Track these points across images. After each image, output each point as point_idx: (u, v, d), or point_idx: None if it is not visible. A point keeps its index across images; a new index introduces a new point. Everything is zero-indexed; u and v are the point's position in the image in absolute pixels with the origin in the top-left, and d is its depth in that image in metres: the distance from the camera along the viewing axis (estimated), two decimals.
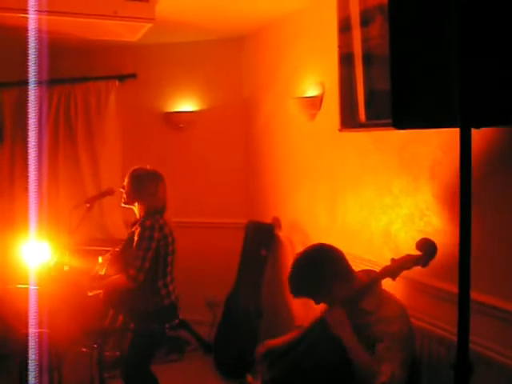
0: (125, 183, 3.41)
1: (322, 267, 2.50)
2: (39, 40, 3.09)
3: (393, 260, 2.44)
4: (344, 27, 3.20)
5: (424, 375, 2.59)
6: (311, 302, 2.65)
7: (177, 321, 3.36)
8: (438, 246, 2.51)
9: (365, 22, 3.00)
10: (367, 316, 2.41)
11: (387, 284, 2.52)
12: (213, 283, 4.84)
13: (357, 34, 3.07)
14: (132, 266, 3.17)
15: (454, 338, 1.75)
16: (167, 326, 3.28)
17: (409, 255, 2.41)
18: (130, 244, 3.30)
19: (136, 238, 3.24)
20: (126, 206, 3.43)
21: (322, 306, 2.64)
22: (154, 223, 3.26)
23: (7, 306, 3.20)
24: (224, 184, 5.22)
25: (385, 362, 2.26)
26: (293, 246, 4.32)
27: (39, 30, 3.19)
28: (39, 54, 3.08)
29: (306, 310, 3.83)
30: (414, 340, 2.47)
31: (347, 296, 2.44)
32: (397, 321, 2.36)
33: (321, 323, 2.51)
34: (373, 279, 2.48)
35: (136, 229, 3.30)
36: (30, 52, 3.05)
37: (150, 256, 3.20)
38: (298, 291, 2.57)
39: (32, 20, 3.14)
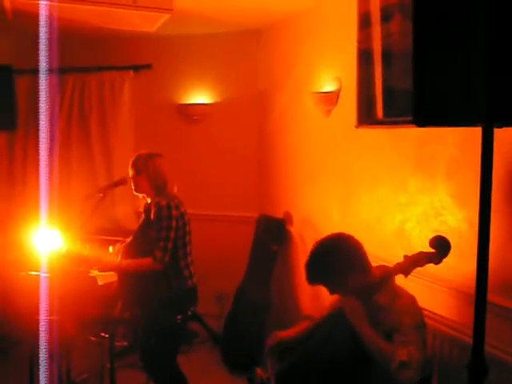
0: (130, 174, 3.37)
1: (337, 255, 2.49)
2: (53, 28, 3.07)
3: (406, 257, 2.42)
4: (364, 23, 3.17)
5: (435, 376, 2.58)
6: (320, 295, 2.64)
7: (192, 308, 3.30)
8: (453, 246, 2.49)
9: (385, 18, 2.97)
10: (380, 311, 2.40)
11: (399, 281, 2.50)
12: (222, 276, 4.84)
13: (377, 30, 3.04)
14: (156, 248, 3.10)
15: (468, 339, 1.74)
16: (179, 317, 3.23)
17: (422, 252, 2.39)
18: (145, 228, 3.25)
19: (153, 218, 3.16)
20: (137, 193, 3.38)
21: (332, 299, 2.63)
22: (169, 202, 3.19)
23: (19, 292, 3.21)
24: (236, 177, 5.22)
25: (400, 346, 2.25)
26: (304, 241, 4.31)
27: (55, 18, 3.17)
28: (53, 42, 3.07)
29: (314, 305, 3.82)
30: (426, 329, 2.45)
31: (362, 288, 2.43)
32: (410, 312, 2.36)
33: (334, 316, 2.50)
34: (385, 274, 2.46)
35: (150, 211, 3.23)
36: (43, 39, 3.03)
37: (172, 235, 3.13)
38: (312, 278, 2.54)
39: (47, 7, 3.13)
